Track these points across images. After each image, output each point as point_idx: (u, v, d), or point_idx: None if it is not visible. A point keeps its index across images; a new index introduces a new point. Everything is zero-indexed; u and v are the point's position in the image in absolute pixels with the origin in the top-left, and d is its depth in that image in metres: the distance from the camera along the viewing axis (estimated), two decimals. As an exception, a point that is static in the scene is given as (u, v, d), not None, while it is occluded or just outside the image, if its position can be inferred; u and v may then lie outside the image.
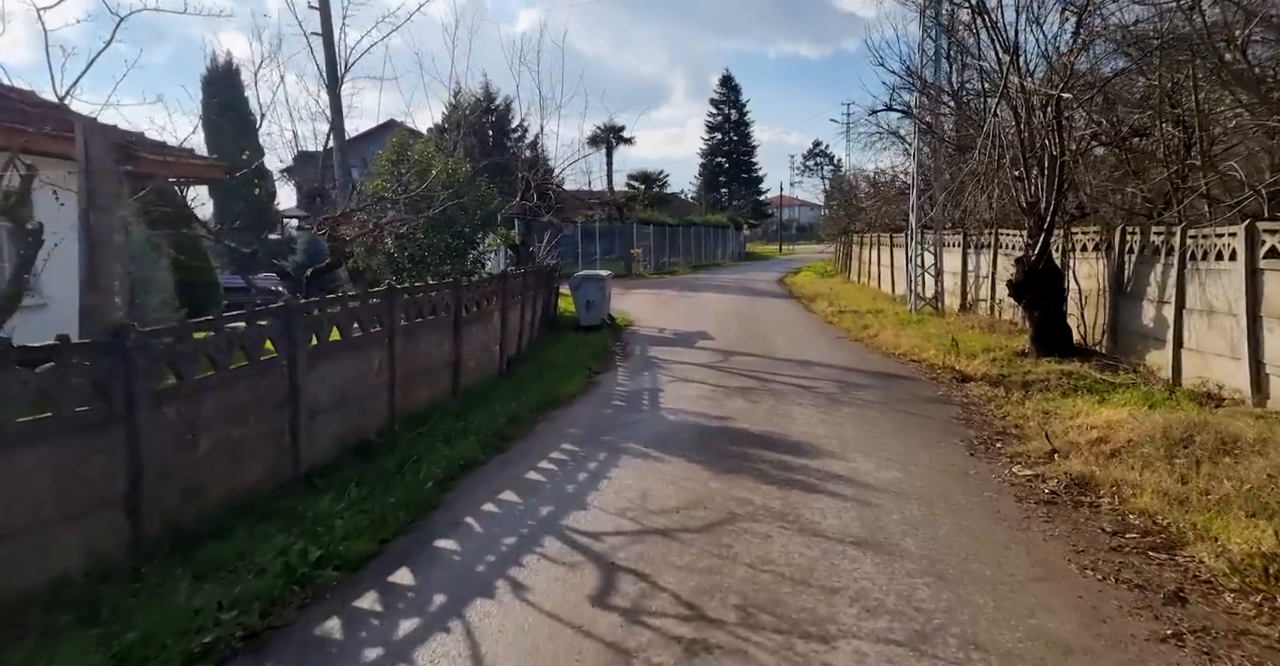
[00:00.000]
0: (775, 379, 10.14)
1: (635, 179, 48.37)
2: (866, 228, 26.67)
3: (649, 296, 23.67)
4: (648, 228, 37.95)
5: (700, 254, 45.04)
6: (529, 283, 11.92)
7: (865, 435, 7.14)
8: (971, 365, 10.19)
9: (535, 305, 12.75)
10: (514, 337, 10.85)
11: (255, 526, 4.50)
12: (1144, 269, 9.54)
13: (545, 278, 13.81)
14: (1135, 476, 5.24)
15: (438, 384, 8.03)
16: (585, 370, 10.71)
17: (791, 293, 25.50)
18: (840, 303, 19.85)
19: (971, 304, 15.62)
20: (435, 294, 7.93)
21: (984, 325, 13.61)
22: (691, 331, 15.33)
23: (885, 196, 25.01)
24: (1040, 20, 10.07)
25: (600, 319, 15.04)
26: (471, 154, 21.96)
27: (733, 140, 74.45)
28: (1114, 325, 10.19)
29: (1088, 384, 8.84)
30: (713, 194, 72.27)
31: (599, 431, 7.45)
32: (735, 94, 74.34)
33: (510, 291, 10.38)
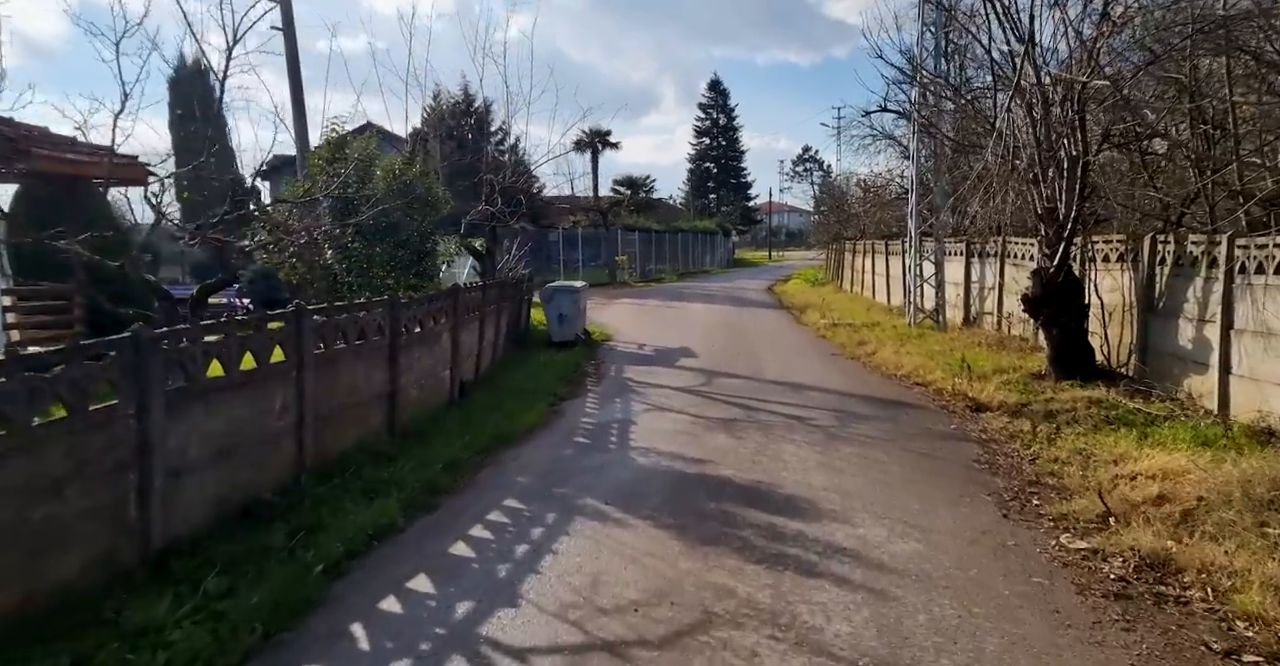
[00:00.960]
0: (764, 407, 8.95)
1: (621, 184, 47.28)
2: (859, 234, 25.63)
3: (631, 307, 22.47)
4: (633, 234, 36.81)
5: (687, 261, 43.94)
6: (491, 296, 10.70)
7: (872, 485, 5.96)
8: (985, 391, 9.04)
9: (500, 321, 11.53)
10: (470, 359, 9.62)
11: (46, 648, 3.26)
12: (1179, 283, 8.42)
13: (512, 290, 12.59)
14: (1227, 558, 4.08)
15: (368, 420, 6.79)
16: (550, 397, 9.48)
17: (781, 302, 24.38)
18: (833, 314, 18.73)
19: (976, 317, 14.51)
20: (365, 314, 6.70)
21: (991, 342, 12.49)
22: (673, 347, 14.14)
23: (880, 201, 23.98)
24: (1060, 2, 8.97)
25: (574, 334, 13.83)
26: (449, 157, 20.75)
27: (721, 145, 73.54)
28: (1143, 345, 9.07)
29: (1121, 415, 7.71)
30: (701, 200, 71.31)
31: (554, 480, 6.23)
32: (724, 98, 73.52)
33: (465, 307, 9.15)
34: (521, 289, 13.69)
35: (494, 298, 10.95)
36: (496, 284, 11.22)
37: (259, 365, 5.29)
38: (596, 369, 11.97)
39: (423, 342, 7.91)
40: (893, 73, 20.26)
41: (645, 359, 13.03)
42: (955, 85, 11.72)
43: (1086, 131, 8.97)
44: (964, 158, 14.26)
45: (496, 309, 11.14)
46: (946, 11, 12.53)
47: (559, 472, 6.45)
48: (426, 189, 8.91)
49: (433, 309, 8.10)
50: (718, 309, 21.92)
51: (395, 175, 8.56)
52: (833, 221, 33.65)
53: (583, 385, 10.58)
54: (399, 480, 5.80)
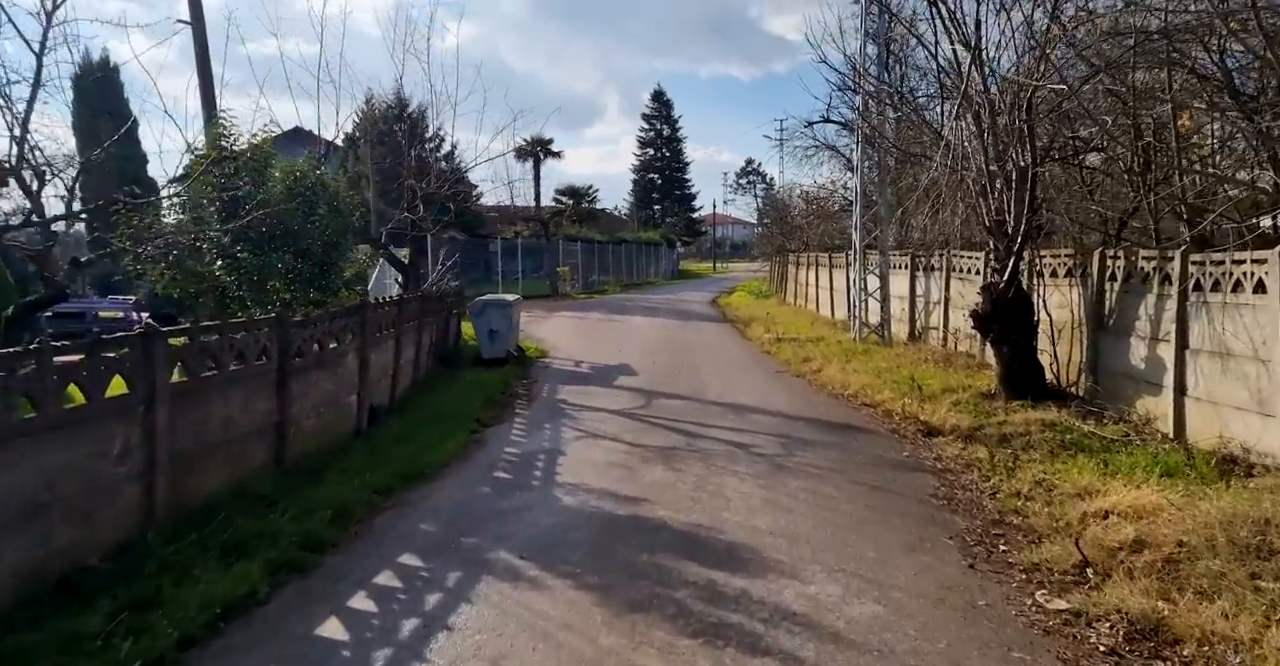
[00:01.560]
0: (705, 433, 8.28)
1: (563, 194, 46.48)
2: (803, 246, 25.44)
3: (571, 321, 21.67)
4: (575, 245, 36.06)
5: (632, 272, 43.38)
6: (411, 311, 9.78)
7: (823, 528, 5.32)
8: (937, 413, 8.58)
9: (422, 338, 10.61)
10: (384, 382, 8.69)
11: None
12: (1131, 300, 8.13)
13: (437, 304, 11.68)
14: (1227, 622, 3.54)
15: (246, 457, 5.84)
16: (472, 423, 8.61)
17: (725, 315, 23.94)
18: (777, 328, 18.30)
19: (921, 332, 14.22)
20: (245, 334, 5.76)
21: (938, 358, 12.15)
22: (612, 364, 13.41)
23: (823, 213, 23.83)
24: (1008, 6, 8.64)
25: (506, 351, 12.97)
26: (380, 163, 19.62)
27: (665, 156, 73.55)
28: (1094, 364, 8.77)
29: (1077, 439, 7.31)
30: (645, 211, 71.09)
31: (463, 527, 5.40)
32: (667, 109, 73.62)
33: (377, 324, 8.24)
34: (448, 303, 12.77)
35: (414, 313, 10.03)
36: (417, 298, 10.31)
37: (91, 400, 4.34)
38: (528, 389, 11.14)
39: (322, 365, 6.98)
40: (836, 81, 20.12)
41: (582, 377, 12.25)
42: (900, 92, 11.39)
43: (1035, 141, 8.64)
44: (909, 169, 13.99)
45: (418, 325, 10.22)
46: (890, 14, 12.23)
47: (471, 517, 5.62)
48: (333, 194, 7.97)
49: (335, 327, 7.18)
50: (660, 323, 21.32)
51: (296, 178, 7.62)
52: (776, 234, 33.54)
53: (511, 408, 9.75)
54: (274, 532, 4.88)
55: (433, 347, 11.60)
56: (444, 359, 12.75)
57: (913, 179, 13.87)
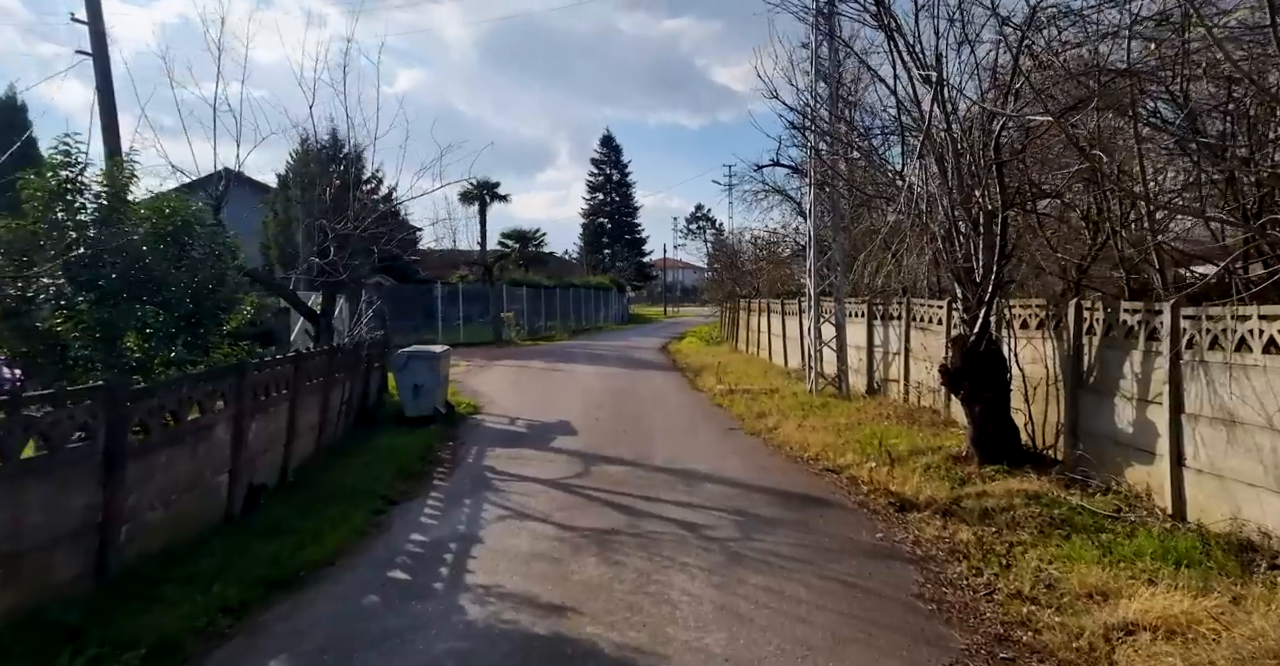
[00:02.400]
0: (651, 509, 7.17)
1: (509, 237, 45.53)
2: (754, 292, 24.84)
3: (512, 370, 20.43)
4: (520, 290, 34.92)
5: (580, 317, 42.37)
6: (314, 368, 8.50)
7: (792, 651, 4.24)
8: (909, 482, 7.65)
9: (332, 397, 9.30)
10: (273, 454, 7.36)
11: None
12: (1113, 355, 7.43)
13: (351, 357, 10.39)
14: None
15: (45, 573, 4.48)
16: (376, 501, 7.32)
17: (675, 363, 23.01)
18: (729, 379, 17.41)
19: (880, 385, 13.47)
20: (50, 411, 4.48)
21: (901, 414, 11.34)
22: (551, 421, 12.24)
23: (773, 259, 23.33)
24: (970, 39, 8.12)
25: (433, 408, 11.68)
26: (311, 209, 18.38)
27: (615, 201, 73.60)
28: (1074, 426, 8.00)
29: (1065, 514, 6.47)
30: (596, 255, 70.66)
31: (331, 664, 4.15)
32: (616, 154, 74.01)
33: (263, 387, 6.97)
34: (364, 355, 11.48)
35: (321, 368, 8.76)
36: (326, 352, 9.04)
37: None
38: (453, 454, 9.87)
39: (177, 441, 5.68)
40: (786, 125, 19.77)
41: (515, 438, 11.03)
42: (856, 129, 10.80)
43: (1005, 180, 8.01)
44: (867, 212, 13.43)
45: (325, 382, 8.93)
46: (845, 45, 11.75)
47: (343, 646, 4.37)
48: (210, 235, 6.75)
49: (197, 393, 5.90)
50: (607, 372, 20.23)
51: (164, 215, 6.41)
52: (726, 279, 33.06)
53: (428, 479, 8.48)
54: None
55: (347, 407, 10.27)
56: (363, 419, 11.41)
57: (870, 222, 13.31)
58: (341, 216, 10.94)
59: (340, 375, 9.71)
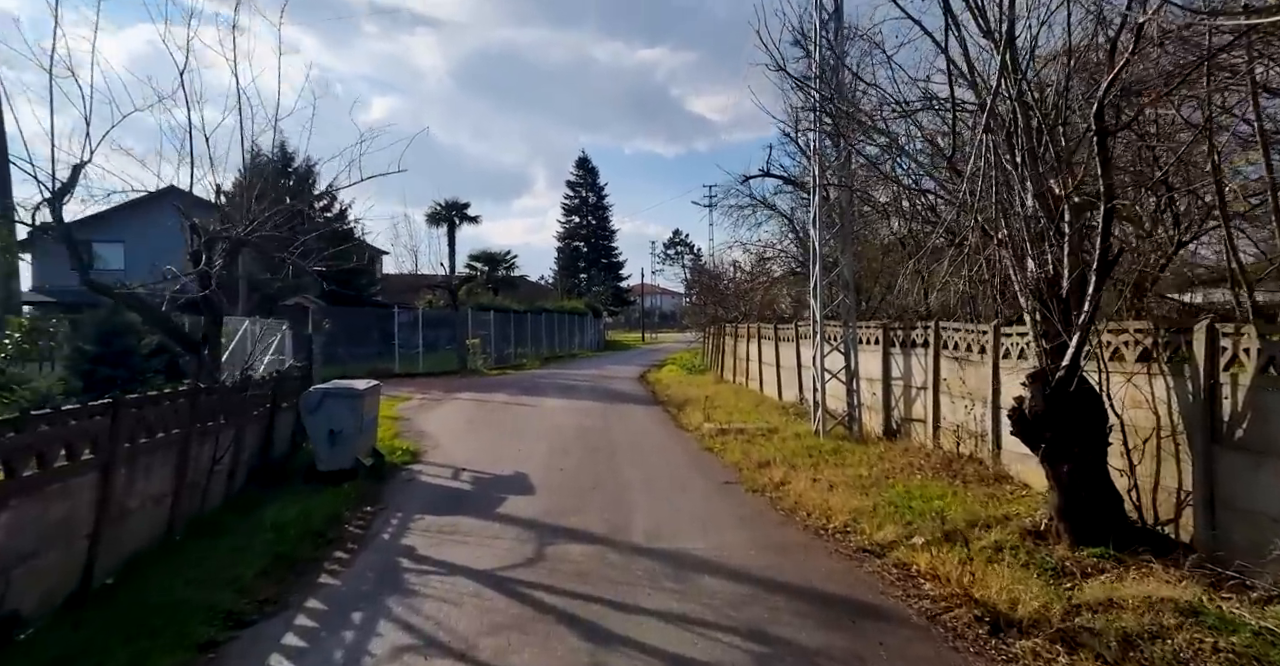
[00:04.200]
0: (625, 629, 4.86)
1: (477, 259, 43.22)
2: (742, 316, 22.73)
3: (470, 405, 18.02)
4: (488, 314, 32.53)
5: (553, 343, 40.03)
6: (164, 417, 6.12)
7: None
8: (989, 578, 5.42)
9: (200, 453, 6.90)
10: (59, 555, 4.94)
11: None
12: (1269, 399, 5.32)
13: (243, 398, 7.97)
14: None
15: None
16: (216, 622, 4.91)
17: (656, 396, 20.72)
18: (719, 415, 15.17)
19: (900, 425, 11.31)
20: None
21: (935, 464, 9.18)
22: (505, 474, 9.90)
23: (764, 278, 21.27)
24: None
25: (353, 459, 9.26)
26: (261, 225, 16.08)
27: (591, 223, 71.78)
28: (1208, 496, 5.84)
29: (1252, 646, 4.30)
30: (571, 279, 68.57)
31: None
32: (593, 176, 72.39)
33: (29, 455, 4.58)
34: (268, 393, 9.08)
35: (174, 417, 6.36)
36: (184, 394, 6.62)
37: None
38: (365, 526, 7.47)
39: None
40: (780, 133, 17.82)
41: (455, 499, 8.65)
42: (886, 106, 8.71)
43: (1109, 157, 5.94)
44: (884, 221, 11.39)
45: (183, 435, 6.53)
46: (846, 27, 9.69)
47: None
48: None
49: None
50: (579, 406, 17.88)
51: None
52: (709, 303, 31.04)
53: (314, 573, 6.07)
54: None
55: (235, 463, 7.84)
56: (263, 475, 8.96)
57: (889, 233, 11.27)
58: (226, 221, 8.58)
59: (218, 423, 7.30)
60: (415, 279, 33.45)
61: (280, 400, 9.72)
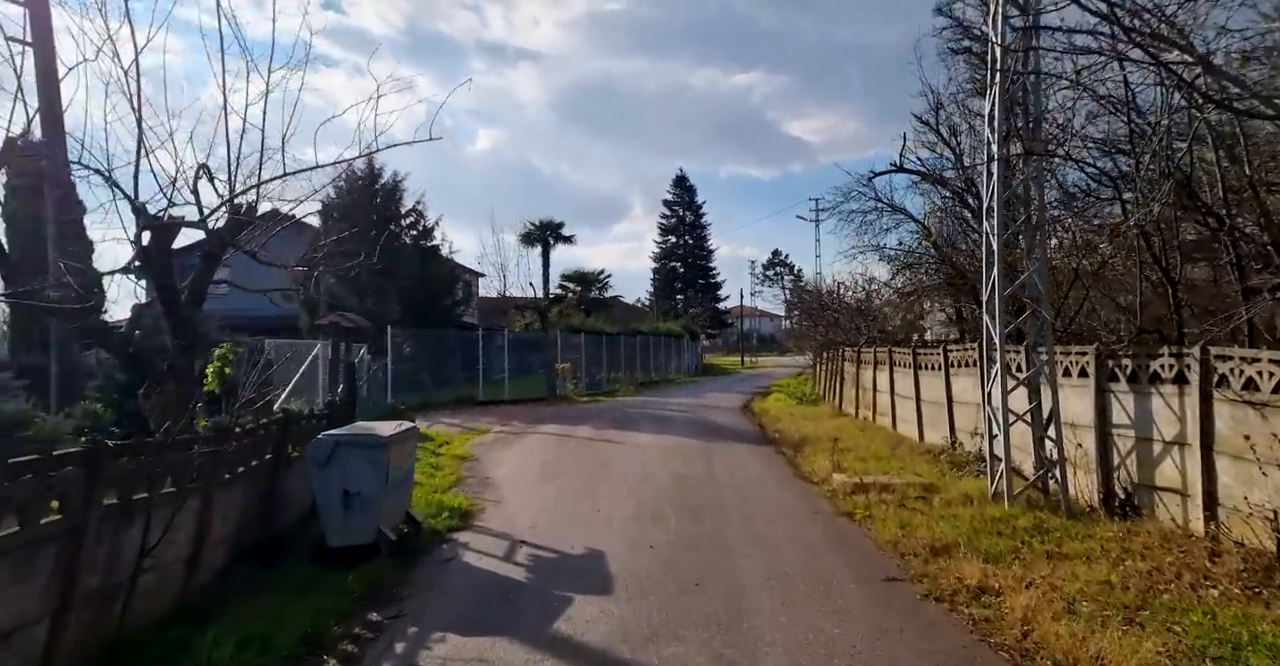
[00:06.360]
0: None
1: (569, 279, 41.49)
2: (865, 339, 19.49)
3: (549, 441, 15.65)
4: (579, 337, 30.47)
5: (648, 368, 37.57)
6: (31, 498, 3.90)
7: None
8: None
9: (130, 538, 4.69)
10: None
11: None
12: None
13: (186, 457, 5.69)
14: None
15: None
16: None
17: (765, 432, 17.74)
18: (849, 460, 12.12)
19: (1130, 494, 7.95)
20: None
21: (1232, 571, 5.87)
22: (575, 552, 7.32)
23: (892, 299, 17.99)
24: None
25: (374, 530, 6.92)
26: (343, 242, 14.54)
27: (688, 243, 69.42)
28: None
29: None
30: (668, 301, 66.24)
31: None
32: (690, 195, 70.15)
33: None
34: (272, 441, 6.89)
35: (67, 493, 4.14)
36: (74, 456, 4.37)
37: None
38: (360, 650, 5.01)
39: None
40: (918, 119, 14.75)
41: (499, 604, 6.09)
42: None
43: None
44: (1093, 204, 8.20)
45: (79, 524, 4.30)
46: None
47: None
48: None
49: None
50: (676, 444, 15.15)
51: None
52: (820, 324, 27.80)
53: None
54: None
55: (197, 545, 5.61)
56: (264, 550, 6.78)
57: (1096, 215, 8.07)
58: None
59: (154, 494, 5.05)
60: (504, 300, 31.97)
61: (294, 447, 7.56)
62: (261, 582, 6.15)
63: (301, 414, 8.13)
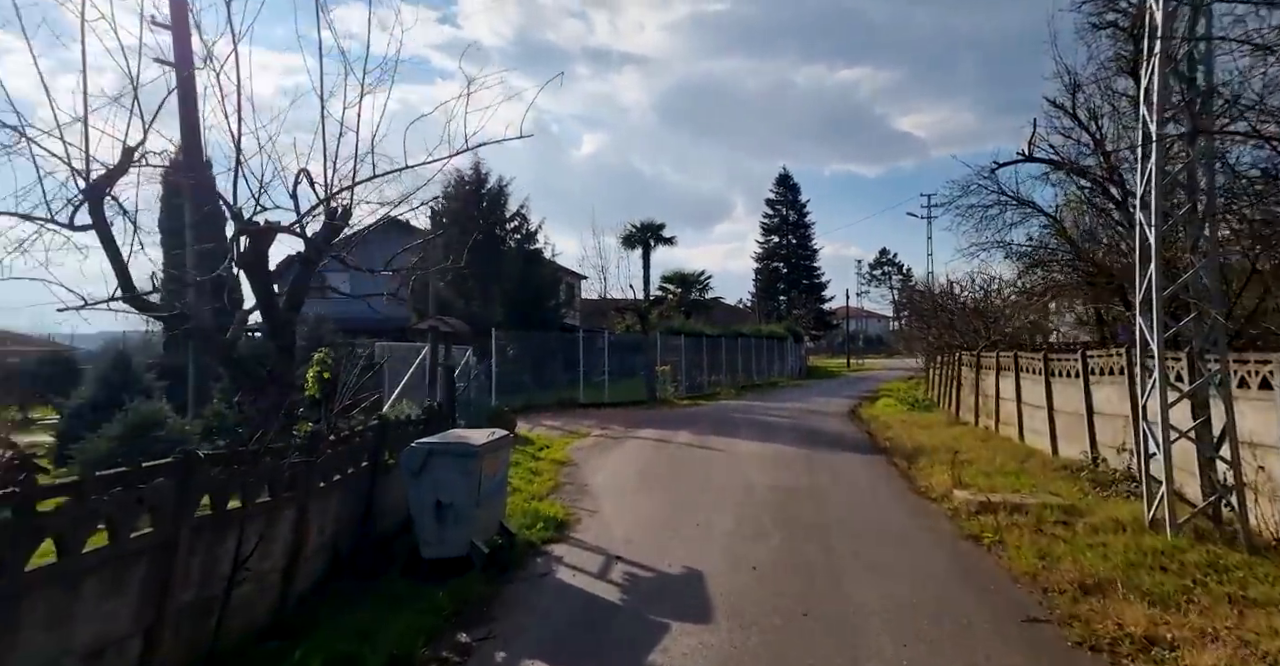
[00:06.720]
0: None
1: (669, 281, 41.11)
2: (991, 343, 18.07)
3: (648, 447, 15.30)
4: (679, 339, 30.07)
5: (750, 370, 36.73)
6: (121, 514, 3.86)
7: None
8: None
9: (225, 549, 4.65)
10: None
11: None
12: None
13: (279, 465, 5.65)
14: None
15: None
16: None
17: (874, 440, 16.72)
18: (971, 474, 11.08)
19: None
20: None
21: None
22: (673, 572, 6.89)
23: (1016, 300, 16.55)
24: None
25: (467, 542, 6.74)
26: (450, 247, 14.96)
27: (791, 243, 67.71)
28: None
29: None
30: (770, 302, 64.78)
31: None
32: (793, 193, 68.40)
33: None
34: (368, 447, 6.86)
35: (160, 504, 4.10)
36: (169, 467, 4.33)
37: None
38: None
39: None
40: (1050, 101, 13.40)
41: (591, 628, 5.74)
42: None
43: None
44: None
45: (171, 537, 4.25)
46: None
47: None
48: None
49: None
50: (779, 452, 14.46)
51: None
52: (936, 326, 26.18)
53: None
54: None
55: (293, 555, 5.58)
56: (361, 559, 6.75)
57: None
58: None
59: (250, 504, 5.00)
60: (604, 302, 32.06)
61: (392, 454, 7.52)
62: (355, 595, 6.07)
63: (398, 420, 8.11)
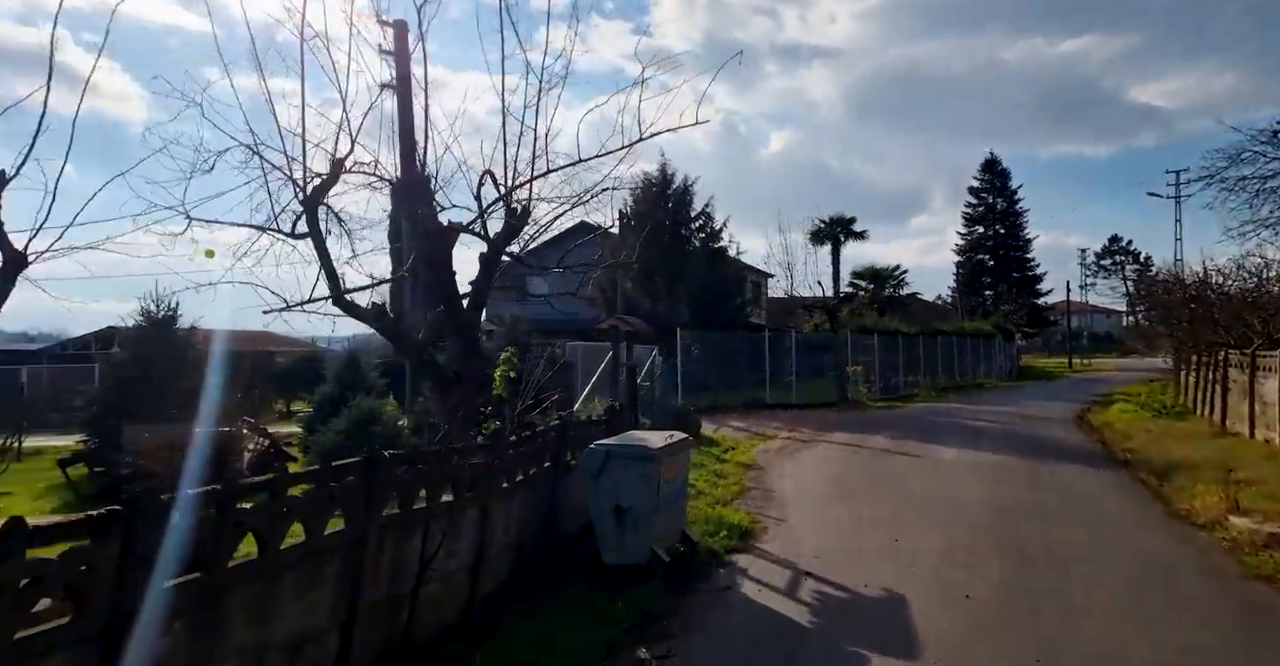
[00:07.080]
0: None
1: (860, 277, 38.90)
2: (1274, 341, 15.04)
3: (839, 452, 14.36)
4: (871, 338, 28.31)
5: (952, 371, 33.81)
6: (314, 509, 4.01)
7: None
8: None
9: (411, 548, 4.77)
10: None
11: None
12: None
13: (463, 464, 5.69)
14: None
15: None
16: None
17: (1109, 450, 14.46)
18: (1252, 496, 9.05)
19: None
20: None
21: None
22: (871, 595, 6.19)
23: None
24: None
25: (648, 550, 6.51)
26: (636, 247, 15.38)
27: (998, 233, 61.67)
28: None
29: None
30: (974, 298, 59.41)
31: None
32: (1002, 180, 62.22)
33: None
34: (550, 447, 6.87)
35: (351, 501, 4.25)
36: (357, 466, 4.45)
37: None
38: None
39: None
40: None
41: (783, 645, 5.23)
42: None
43: None
44: None
45: (360, 535, 4.39)
46: None
47: None
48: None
49: None
50: (990, 462, 12.90)
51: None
52: (1182, 322, 22.38)
53: None
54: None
55: (478, 554, 5.65)
56: (543, 562, 6.77)
57: None
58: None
59: (434, 503, 5.08)
60: (791, 300, 31.00)
61: (573, 455, 7.50)
62: (536, 598, 6.03)
63: (579, 420, 8.10)
